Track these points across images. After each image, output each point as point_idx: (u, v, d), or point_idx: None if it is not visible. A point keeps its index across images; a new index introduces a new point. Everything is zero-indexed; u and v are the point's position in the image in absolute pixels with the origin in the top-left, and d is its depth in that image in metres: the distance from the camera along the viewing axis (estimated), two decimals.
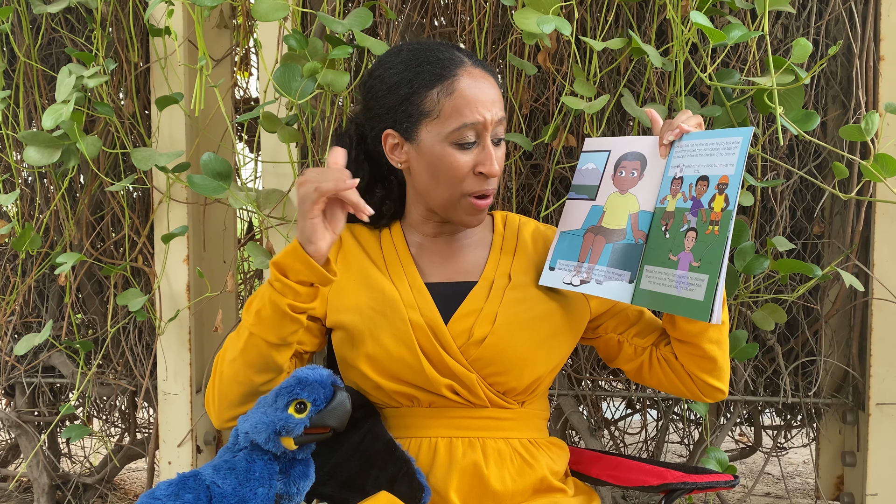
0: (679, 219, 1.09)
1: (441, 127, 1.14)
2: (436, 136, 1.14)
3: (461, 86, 1.14)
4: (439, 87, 1.14)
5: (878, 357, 1.78)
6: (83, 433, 1.99)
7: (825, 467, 2.04)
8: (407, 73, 1.16)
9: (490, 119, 1.14)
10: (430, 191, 1.18)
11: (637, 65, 1.84)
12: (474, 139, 1.14)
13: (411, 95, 1.15)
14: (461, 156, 1.14)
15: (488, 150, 1.15)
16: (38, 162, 1.71)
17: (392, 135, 1.19)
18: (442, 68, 1.15)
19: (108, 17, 1.92)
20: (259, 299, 1.11)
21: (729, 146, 1.06)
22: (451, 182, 1.15)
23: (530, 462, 1.18)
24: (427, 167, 1.17)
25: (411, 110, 1.15)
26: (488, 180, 1.16)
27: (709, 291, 1.02)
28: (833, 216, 1.90)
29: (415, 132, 1.16)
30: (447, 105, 1.13)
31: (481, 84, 1.15)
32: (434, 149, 1.15)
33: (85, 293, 2.21)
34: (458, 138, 1.14)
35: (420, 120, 1.15)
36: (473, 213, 1.18)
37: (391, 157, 1.20)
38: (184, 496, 0.98)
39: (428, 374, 1.14)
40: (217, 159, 1.59)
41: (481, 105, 1.14)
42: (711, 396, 1.24)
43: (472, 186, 1.16)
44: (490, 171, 1.15)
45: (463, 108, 1.13)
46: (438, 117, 1.14)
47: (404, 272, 1.21)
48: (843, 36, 1.80)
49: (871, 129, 1.46)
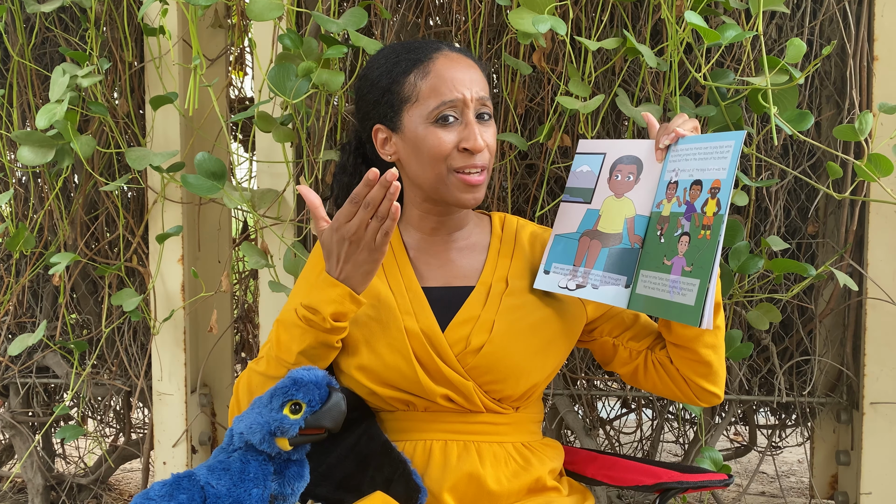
0: (673, 223, 1.09)
1: (421, 108, 1.14)
2: (418, 119, 1.15)
3: (437, 66, 1.15)
4: (416, 71, 1.15)
5: (872, 356, 1.78)
6: (78, 433, 1.98)
7: (819, 466, 2.05)
8: (386, 64, 1.18)
9: (470, 97, 1.14)
10: (419, 175, 1.17)
11: (632, 65, 1.85)
12: (456, 116, 1.14)
13: (391, 85, 1.16)
14: (444, 133, 1.14)
15: (471, 126, 1.14)
16: (32, 161, 1.71)
17: (380, 129, 1.19)
18: (418, 54, 1.17)
19: (102, 16, 1.92)
20: (298, 341, 1.10)
21: (721, 150, 1.06)
22: (435, 160, 1.14)
23: (525, 465, 1.18)
24: (413, 151, 1.16)
25: (392, 100, 1.17)
26: (474, 156, 1.15)
27: (699, 296, 1.02)
28: (827, 216, 1.91)
29: (398, 120, 1.17)
30: (424, 86, 1.14)
31: (458, 64, 1.16)
32: (417, 131, 1.15)
33: (79, 293, 2.20)
34: (438, 116, 1.14)
35: (401, 107, 1.16)
36: (465, 189, 1.16)
37: (382, 152, 1.21)
38: (178, 497, 0.98)
39: (423, 382, 1.13)
40: (211, 159, 1.58)
41: (458, 83, 1.14)
42: (707, 401, 1.24)
43: (457, 162, 1.15)
44: (474, 146, 1.14)
45: (440, 86, 1.14)
46: (418, 100, 1.15)
47: (401, 275, 1.20)
48: (837, 36, 1.80)
49: (864, 129, 1.46)
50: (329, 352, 1.13)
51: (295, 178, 1.77)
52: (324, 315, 1.08)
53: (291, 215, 1.80)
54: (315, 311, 1.09)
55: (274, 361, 1.13)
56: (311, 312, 1.09)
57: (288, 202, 1.80)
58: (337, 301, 1.08)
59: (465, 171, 1.15)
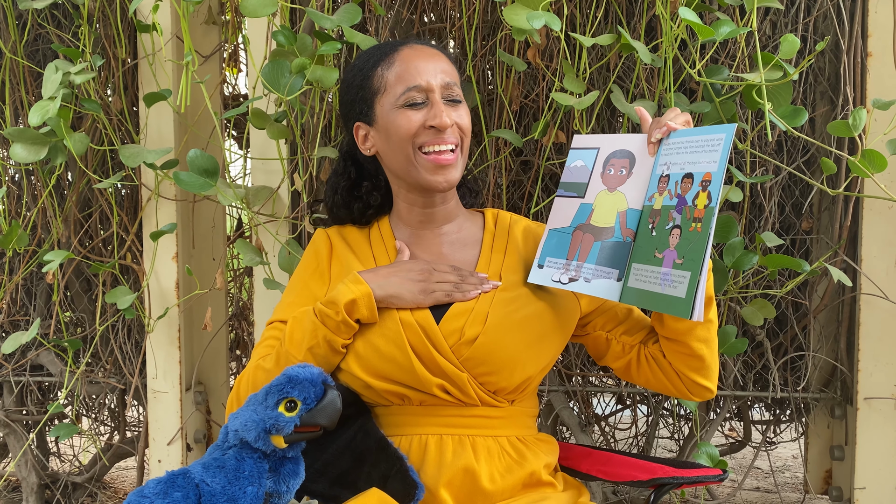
0: (665, 216, 1.09)
1: (390, 97, 1.19)
2: (388, 108, 1.19)
3: (401, 56, 1.20)
4: (383, 64, 1.20)
5: (865, 352, 1.79)
6: (72, 432, 1.97)
7: (814, 461, 2.05)
8: (359, 64, 1.24)
9: (436, 84, 1.18)
10: (393, 161, 1.21)
11: (626, 61, 1.85)
12: (423, 100, 1.18)
13: (363, 81, 1.21)
14: (411, 114, 1.18)
15: (438, 105, 1.17)
16: (25, 159, 1.70)
17: (360, 126, 1.24)
18: (385, 49, 1.22)
19: (94, 12, 1.91)
20: (310, 336, 1.14)
21: (712, 143, 1.06)
22: (403, 140, 1.18)
23: (519, 460, 1.18)
24: (385, 138, 1.20)
25: (365, 94, 1.21)
26: (442, 133, 1.17)
27: (690, 288, 1.02)
28: (821, 212, 1.91)
29: (372, 113, 1.21)
30: (390, 76, 1.19)
31: (422, 53, 1.20)
32: (388, 117, 1.19)
33: (73, 291, 2.20)
34: (406, 100, 1.17)
35: (373, 99, 1.21)
36: (434, 170, 1.19)
37: (363, 148, 1.25)
38: (172, 494, 0.98)
39: (419, 373, 1.14)
40: (203, 156, 1.58)
41: (423, 71, 1.18)
42: (699, 395, 1.24)
43: (423, 138, 1.18)
44: (440, 124, 1.16)
45: (404, 73, 1.18)
46: (386, 89, 1.19)
47: None
48: (831, 32, 1.81)
49: (858, 125, 1.47)
50: (333, 355, 1.15)
51: (289, 175, 1.76)
52: (339, 306, 1.12)
53: (286, 212, 1.80)
54: (332, 303, 1.13)
55: (283, 357, 1.15)
56: (327, 306, 1.14)
57: (282, 199, 1.80)
58: (355, 293, 1.13)
59: (434, 149, 1.18)
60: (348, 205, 1.30)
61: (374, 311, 1.14)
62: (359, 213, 1.29)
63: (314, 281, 1.25)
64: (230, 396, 1.20)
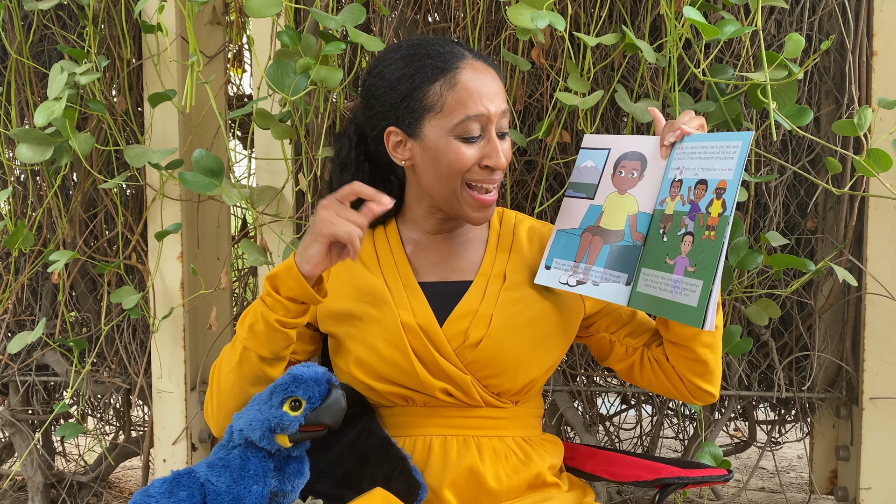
0: (677, 222, 1.08)
1: (445, 121, 1.13)
2: (440, 131, 1.13)
3: (464, 78, 1.13)
4: (442, 81, 1.13)
5: (871, 351, 1.78)
6: (77, 431, 1.98)
7: (819, 461, 2.05)
8: (408, 68, 1.15)
9: (494, 111, 1.14)
10: (433, 185, 1.17)
11: (631, 60, 1.84)
12: (479, 132, 1.14)
13: (413, 90, 1.14)
14: (466, 149, 1.13)
15: (494, 143, 1.14)
16: (31, 159, 1.70)
17: (395, 132, 1.17)
18: (444, 62, 1.14)
19: (100, 13, 1.91)
20: (252, 314, 1.12)
21: (728, 150, 1.05)
22: (454, 174, 1.14)
23: (525, 460, 1.18)
24: (432, 162, 1.15)
25: (414, 105, 1.14)
26: (494, 172, 1.15)
27: (702, 297, 1.01)
28: (826, 211, 1.91)
29: (418, 128, 1.15)
30: (450, 98, 1.13)
31: (484, 76, 1.15)
32: (439, 143, 1.14)
33: (78, 291, 2.20)
34: (462, 131, 1.13)
35: (423, 115, 1.14)
36: (477, 208, 1.16)
37: (394, 154, 1.19)
38: (178, 493, 0.98)
39: (421, 376, 1.13)
40: (208, 156, 1.58)
41: (485, 97, 1.13)
42: (701, 399, 1.24)
43: (475, 176, 1.15)
44: (497, 164, 1.14)
45: (466, 100, 1.12)
46: (442, 111, 1.13)
47: (398, 271, 1.20)
48: (836, 31, 1.80)
49: (863, 124, 1.46)
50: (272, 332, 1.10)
51: (294, 175, 1.77)
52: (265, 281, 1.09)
53: (290, 212, 1.80)
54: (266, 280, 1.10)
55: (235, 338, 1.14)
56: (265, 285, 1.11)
57: (287, 199, 1.80)
58: (279, 268, 1.09)
59: (481, 187, 1.15)
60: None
61: (303, 283, 1.07)
62: None
63: None
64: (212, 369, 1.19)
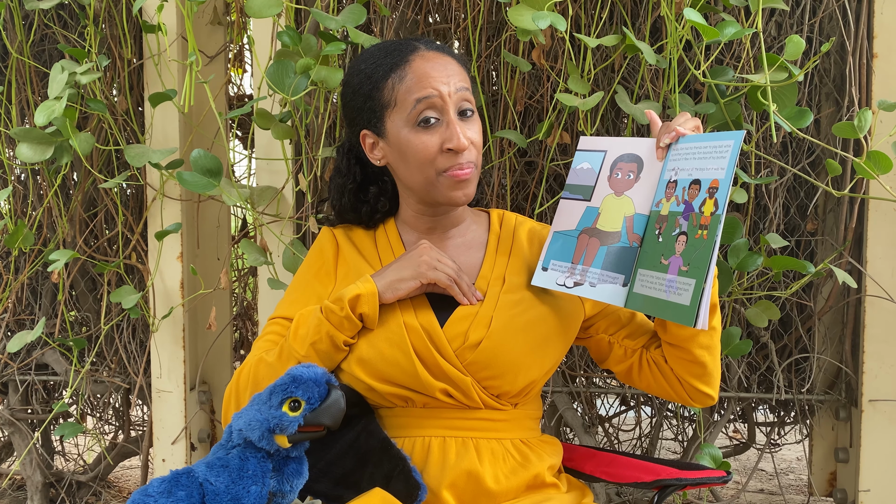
0: (672, 222, 1.08)
1: (401, 112, 1.15)
2: (399, 124, 1.15)
3: (413, 67, 1.15)
4: (393, 75, 1.16)
5: (870, 354, 1.78)
6: (77, 431, 1.98)
7: (818, 463, 2.05)
8: (367, 69, 1.18)
9: (447, 91, 1.14)
10: (409, 179, 1.19)
11: (631, 62, 1.84)
12: (436, 116, 1.14)
13: (372, 91, 1.17)
14: (427, 137, 1.14)
15: (452, 126, 1.14)
16: (31, 159, 1.71)
17: (367, 134, 1.21)
18: (396, 57, 1.17)
19: (100, 13, 1.91)
20: (315, 331, 1.13)
21: (720, 150, 1.05)
22: (422, 164, 1.15)
23: (523, 462, 1.18)
24: (400, 156, 1.17)
25: (374, 105, 1.17)
26: (459, 155, 1.15)
27: (695, 296, 1.01)
28: (826, 213, 1.91)
29: (382, 126, 1.18)
30: (401, 89, 1.15)
31: (434, 62, 1.16)
32: (401, 136, 1.15)
33: (78, 290, 2.20)
34: (417, 118, 1.14)
35: (384, 112, 1.17)
36: (455, 186, 1.16)
37: (371, 156, 1.22)
38: (176, 493, 0.98)
39: (422, 377, 1.13)
40: (207, 156, 1.58)
41: (434, 80, 1.14)
42: (700, 401, 1.24)
43: (444, 163, 1.15)
44: (457, 146, 1.13)
45: (414, 86, 1.14)
46: (397, 104, 1.15)
47: None
48: (837, 33, 1.80)
49: (864, 126, 1.46)
50: (335, 352, 1.15)
51: (294, 176, 1.77)
52: (344, 302, 1.12)
53: (290, 212, 1.80)
54: (338, 300, 1.13)
55: (286, 352, 1.15)
56: (334, 302, 1.13)
57: (287, 199, 1.80)
58: (361, 289, 1.13)
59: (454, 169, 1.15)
60: (356, 208, 1.28)
61: (376, 310, 1.13)
62: (366, 216, 1.28)
63: (317, 279, 1.25)
64: (228, 388, 1.19)
